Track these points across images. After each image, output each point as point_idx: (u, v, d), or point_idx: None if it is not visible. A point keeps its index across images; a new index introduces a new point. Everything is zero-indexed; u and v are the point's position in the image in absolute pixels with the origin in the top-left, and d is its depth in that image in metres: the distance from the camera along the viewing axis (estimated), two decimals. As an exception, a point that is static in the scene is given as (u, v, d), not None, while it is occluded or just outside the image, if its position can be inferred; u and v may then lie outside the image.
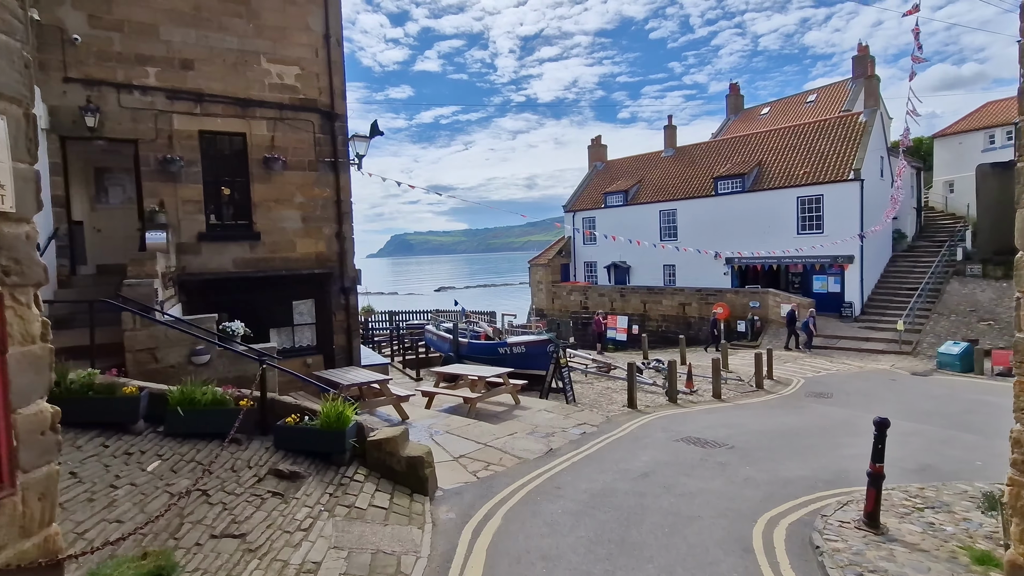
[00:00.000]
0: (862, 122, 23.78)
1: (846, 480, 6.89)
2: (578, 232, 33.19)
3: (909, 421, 10.74)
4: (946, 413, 11.48)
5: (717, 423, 10.30)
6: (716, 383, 13.81)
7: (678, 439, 8.83)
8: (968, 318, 19.80)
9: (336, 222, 10.63)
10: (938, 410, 11.78)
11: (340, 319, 10.70)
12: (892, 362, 17.77)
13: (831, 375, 16.39)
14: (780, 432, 9.61)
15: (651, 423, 10.17)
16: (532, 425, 9.42)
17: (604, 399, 13.09)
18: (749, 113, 36.66)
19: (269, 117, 9.91)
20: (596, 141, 36.17)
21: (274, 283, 10.05)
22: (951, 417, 11.09)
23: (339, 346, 10.70)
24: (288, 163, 10.07)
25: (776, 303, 22.64)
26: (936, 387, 14.30)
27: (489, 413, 10.35)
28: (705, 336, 24.41)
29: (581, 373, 16.44)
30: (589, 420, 10.05)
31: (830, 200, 22.70)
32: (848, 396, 13.54)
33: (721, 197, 26.20)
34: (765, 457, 7.88)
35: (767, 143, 26.78)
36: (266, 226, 9.99)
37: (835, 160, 23.23)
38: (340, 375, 8.99)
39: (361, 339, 19.08)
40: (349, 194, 10.78)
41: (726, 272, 26.34)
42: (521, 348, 14.08)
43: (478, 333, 17.07)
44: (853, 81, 30.70)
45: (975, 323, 19.37)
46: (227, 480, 4.66)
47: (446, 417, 9.30)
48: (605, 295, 28.63)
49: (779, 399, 13.47)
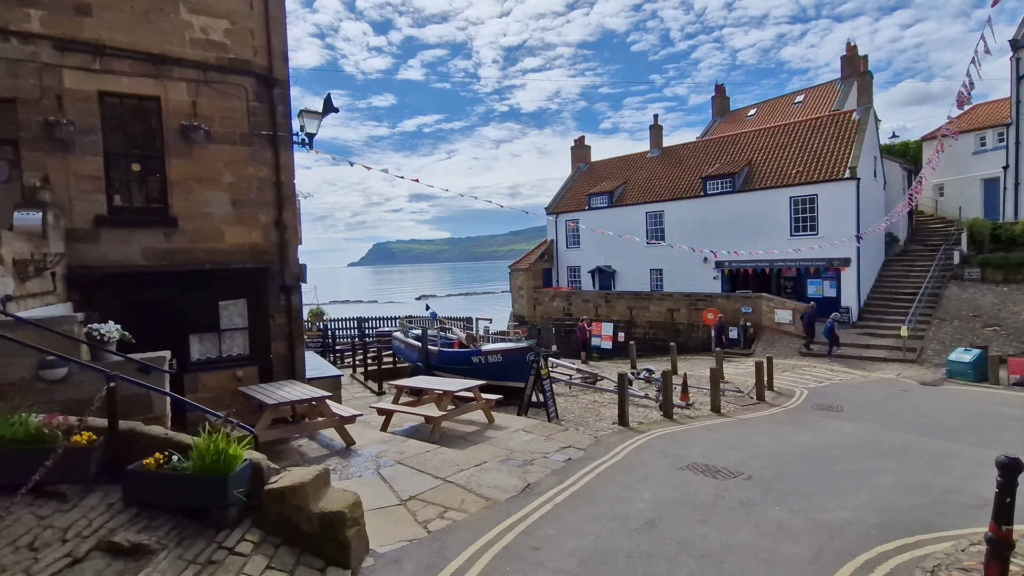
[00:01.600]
0: (856, 120, 22.85)
1: (901, 525, 5.40)
2: (561, 235, 31.80)
3: (937, 439, 9.39)
4: (975, 429, 10.16)
5: (724, 444, 8.79)
6: (715, 396, 12.37)
7: (683, 466, 7.28)
8: (972, 323, 18.76)
9: (275, 207, 8.94)
10: (965, 426, 10.47)
11: (280, 323, 8.97)
12: (897, 371, 16.56)
13: (835, 385, 15.09)
14: (799, 455, 8.13)
15: (648, 445, 8.62)
16: (507, 450, 7.79)
17: (591, 415, 11.53)
18: (735, 115, 35.80)
19: (190, 79, 8.21)
20: (579, 142, 34.93)
21: (195, 279, 8.30)
22: (983, 434, 9.76)
23: (278, 355, 8.96)
24: (214, 135, 8.37)
25: (770, 308, 21.40)
26: (952, 399, 13.05)
27: (456, 435, 8.69)
28: (696, 344, 23.09)
29: (565, 385, 14.88)
30: (575, 442, 8.46)
31: (825, 200, 21.62)
32: (860, 409, 12.19)
33: (710, 198, 25.01)
34: (793, 491, 6.36)
35: (757, 142, 25.73)
36: (186, 210, 8.25)
37: (829, 159, 22.20)
38: (268, 392, 7.27)
39: (320, 349, 17.34)
40: (292, 175, 9.10)
41: (716, 276, 25.10)
42: (497, 357, 12.46)
43: (451, 341, 15.42)
44: (842, 82, 29.97)
45: (980, 329, 18.32)
46: (12, 568, 2.95)
47: (401, 442, 7.62)
48: (589, 301, 27.18)
49: (785, 413, 12.07)
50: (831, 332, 18.48)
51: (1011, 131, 25.54)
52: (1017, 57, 24.72)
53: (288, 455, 7.00)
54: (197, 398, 8.30)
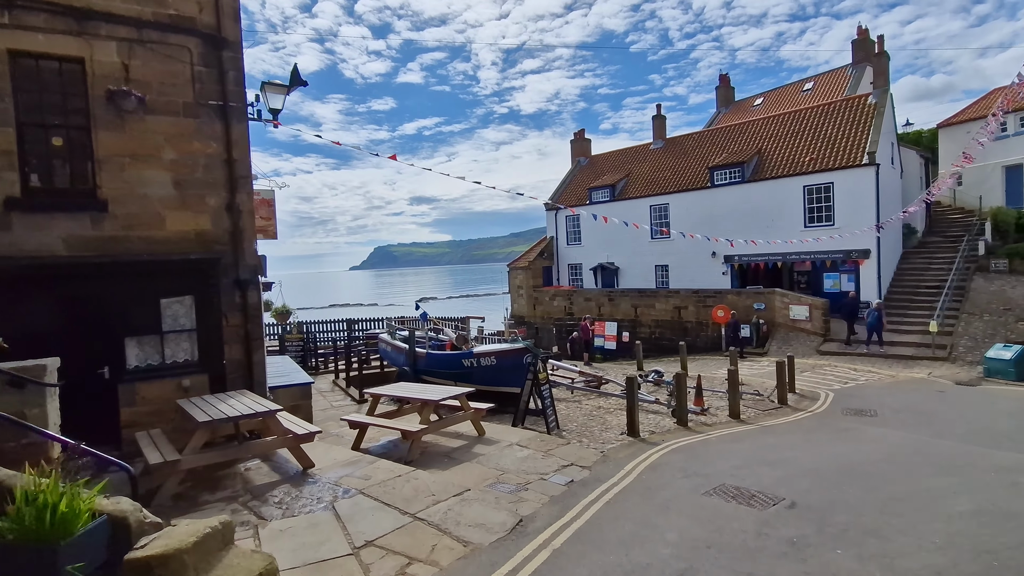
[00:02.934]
0: (872, 103, 21.55)
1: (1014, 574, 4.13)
2: (561, 232, 30.53)
3: (998, 449, 8.11)
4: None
5: (752, 458, 7.52)
6: (734, 400, 11.08)
7: (710, 490, 6.01)
8: (1004, 317, 17.43)
9: (227, 189, 7.70)
10: (1022, 433, 9.17)
11: (234, 323, 7.73)
12: (928, 369, 15.25)
13: (862, 386, 13.79)
14: (843, 472, 6.85)
15: (664, 461, 7.35)
16: (497, 470, 6.53)
17: (596, 423, 10.26)
18: (741, 105, 34.51)
19: (121, 38, 6.99)
20: (579, 136, 33.68)
21: (131, 273, 7.07)
22: (1051, 443, 8.47)
23: (233, 361, 7.71)
24: (151, 104, 7.15)
25: (784, 304, 20.09)
26: (998, 401, 11.74)
27: (439, 452, 7.44)
28: (705, 343, 21.80)
29: (566, 389, 13.61)
30: (578, 459, 7.20)
31: (841, 188, 20.32)
32: (897, 414, 10.90)
33: (718, 189, 23.73)
34: (852, 524, 5.09)
35: (766, 130, 24.45)
36: (118, 192, 7.03)
37: (845, 145, 20.91)
38: (207, 406, 6.02)
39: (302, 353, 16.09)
40: (247, 152, 7.87)
41: (725, 271, 23.81)
42: (490, 360, 11.21)
43: (442, 342, 14.17)
44: (854, 67, 28.69)
45: (1013, 323, 16.98)
46: None
47: (370, 463, 6.36)
48: (592, 299, 25.91)
49: (812, 419, 10.79)
50: (878, 322, 17.07)
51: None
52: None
53: (228, 484, 5.75)
54: (135, 413, 7.08)
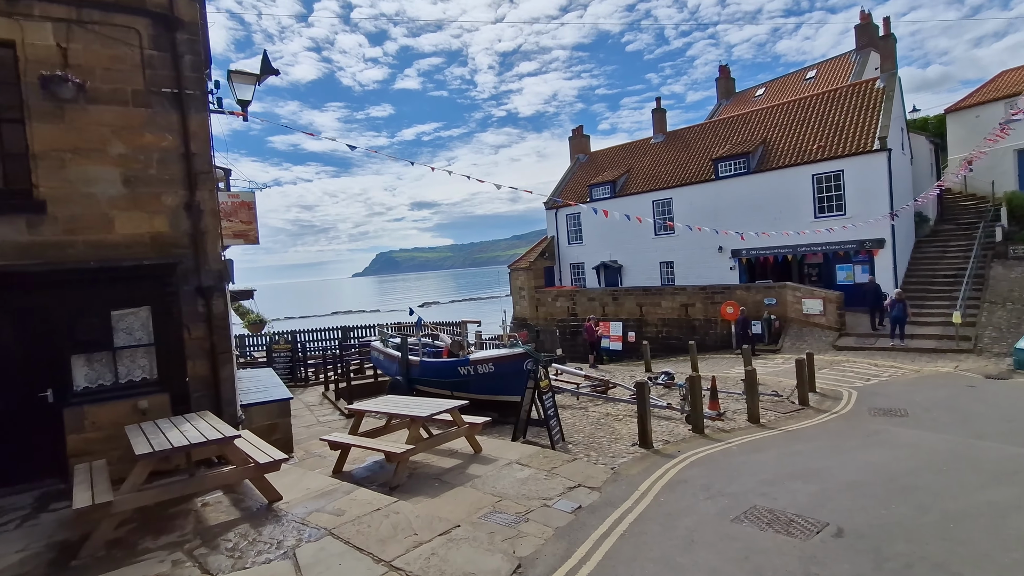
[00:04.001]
0: (880, 88, 20.72)
1: None
2: (562, 231, 29.72)
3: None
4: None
5: (781, 471, 6.68)
6: (753, 403, 10.24)
7: (740, 515, 5.18)
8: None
9: (185, 186, 6.91)
10: (1078, 431, 8.31)
11: (198, 336, 6.93)
12: (954, 362, 14.37)
13: (886, 383, 12.92)
14: (886, 485, 6.02)
15: (682, 478, 6.52)
16: (493, 496, 5.71)
17: (604, 433, 9.42)
18: (742, 96, 33.69)
19: (58, 18, 6.22)
20: (578, 132, 32.89)
21: (75, 282, 6.28)
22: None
23: (198, 378, 6.91)
24: (95, 92, 6.37)
25: (797, 299, 19.23)
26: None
27: (429, 474, 6.62)
28: (713, 341, 20.94)
29: (571, 395, 12.78)
30: (586, 478, 6.37)
31: (852, 176, 19.47)
32: (928, 412, 10.05)
33: (722, 181, 22.88)
34: (914, 555, 4.26)
35: (770, 119, 23.62)
36: (58, 191, 6.24)
37: (853, 131, 20.07)
38: (154, 432, 5.21)
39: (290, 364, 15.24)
40: (207, 144, 7.08)
41: (732, 266, 22.95)
42: (488, 367, 10.38)
43: (438, 349, 13.34)
44: (857, 53, 27.85)
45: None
46: None
47: (347, 493, 5.53)
48: (595, 299, 25.06)
49: (839, 421, 9.95)
50: (903, 314, 16.17)
51: (1048, 96, 23.28)
52: (1051, 14, 22.51)
53: (179, 524, 4.94)
54: (84, 440, 6.29)
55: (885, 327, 17.50)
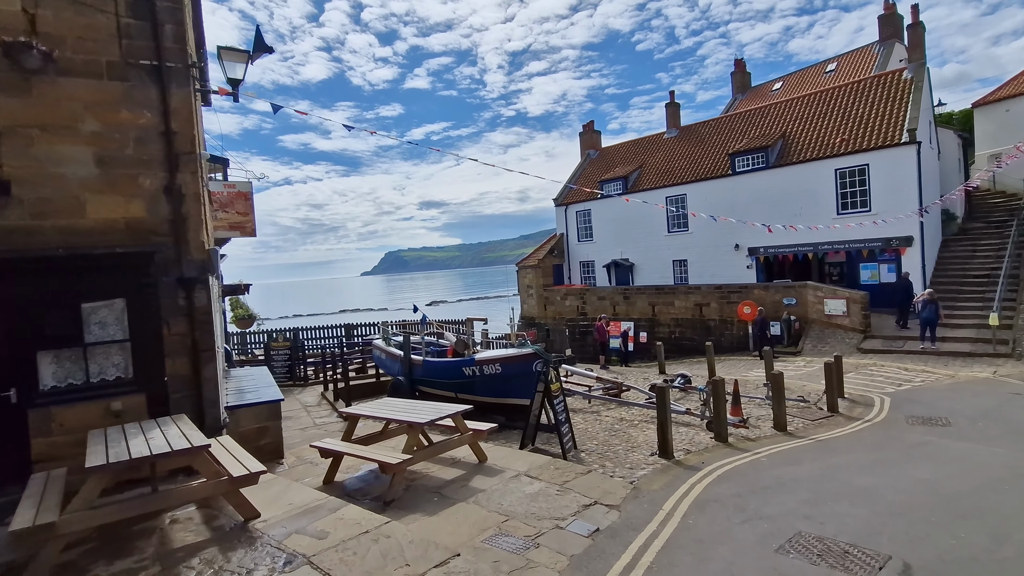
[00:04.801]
0: (908, 79, 19.79)
1: None
2: (572, 228, 29.00)
3: None
4: None
5: (821, 487, 5.96)
6: (780, 409, 9.50)
7: (784, 544, 4.48)
8: (1069, 308, 15.60)
9: (166, 168, 6.32)
10: None
11: (178, 331, 6.35)
12: (991, 367, 13.49)
13: (920, 389, 12.11)
14: (945, 508, 5.28)
15: (711, 495, 5.82)
16: (499, 515, 5.05)
17: (619, 441, 8.73)
18: (758, 91, 32.75)
19: (24, -20, 5.66)
20: (588, 128, 32.14)
21: (42, 271, 5.72)
22: None
23: (177, 377, 6.32)
24: (66, 63, 5.80)
25: (818, 299, 18.38)
26: (1090, 404, 10.03)
27: (429, 487, 5.98)
28: (729, 343, 20.14)
29: (583, 398, 12.10)
30: (602, 494, 5.70)
31: (878, 170, 18.58)
32: (974, 423, 9.26)
33: (739, 176, 22.06)
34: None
35: (790, 112, 22.75)
36: (24, 171, 5.68)
37: (880, 124, 19.18)
38: (115, 440, 4.61)
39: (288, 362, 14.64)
40: (191, 122, 6.48)
41: (750, 265, 22.12)
42: (495, 368, 9.73)
43: (443, 348, 12.70)
44: (881, 44, 26.85)
45: (1081, 314, 15.17)
46: None
47: (334, 511, 4.90)
48: (606, 298, 24.34)
49: (874, 430, 9.19)
50: (935, 315, 15.29)
51: (1083, 88, 22.25)
52: (1089, 2, 21.43)
53: (140, 546, 4.34)
54: (51, 444, 5.72)
55: (911, 328, 16.64)
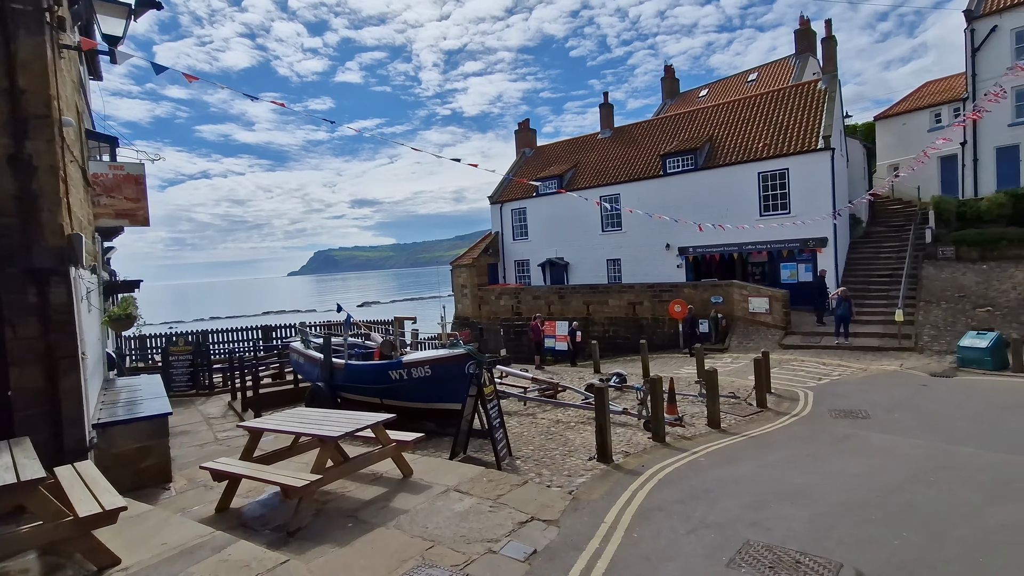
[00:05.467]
0: (822, 89, 20.97)
1: None
2: (507, 227, 28.61)
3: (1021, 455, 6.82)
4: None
5: (762, 488, 5.76)
6: (714, 407, 9.45)
7: (734, 556, 4.14)
8: (960, 304, 17.01)
9: (9, 133, 5.14)
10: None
11: (27, 335, 5.18)
12: (899, 360, 14.36)
13: (838, 382, 12.62)
14: (885, 505, 5.21)
15: (655, 503, 5.45)
16: (423, 541, 4.39)
17: (555, 444, 8.28)
18: (686, 96, 33.89)
19: None
20: (524, 126, 31.90)
21: None
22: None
23: (26, 390, 5.15)
24: None
25: (743, 297, 19.02)
26: (985, 393, 10.75)
27: (343, 510, 5.20)
28: (661, 340, 20.44)
29: (518, 400, 11.61)
30: (539, 508, 5.17)
31: (797, 174, 19.51)
32: (890, 414, 9.64)
33: (671, 177, 22.52)
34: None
35: (716, 117, 23.53)
36: None
37: (797, 130, 20.17)
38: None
39: (190, 369, 12.98)
40: (47, 80, 5.32)
41: (680, 264, 22.64)
42: (424, 370, 9.01)
43: (369, 350, 11.77)
44: (797, 57, 28.48)
45: (971, 310, 16.55)
46: None
47: (220, 550, 4.03)
48: (541, 297, 24.11)
49: (802, 424, 9.33)
50: (849, 312, 16.12)
51: (968, 106, 24.52)
52: (972, 28, 23.69)
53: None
54: None
55: (827, 324, 17.57)
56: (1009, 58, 22.73)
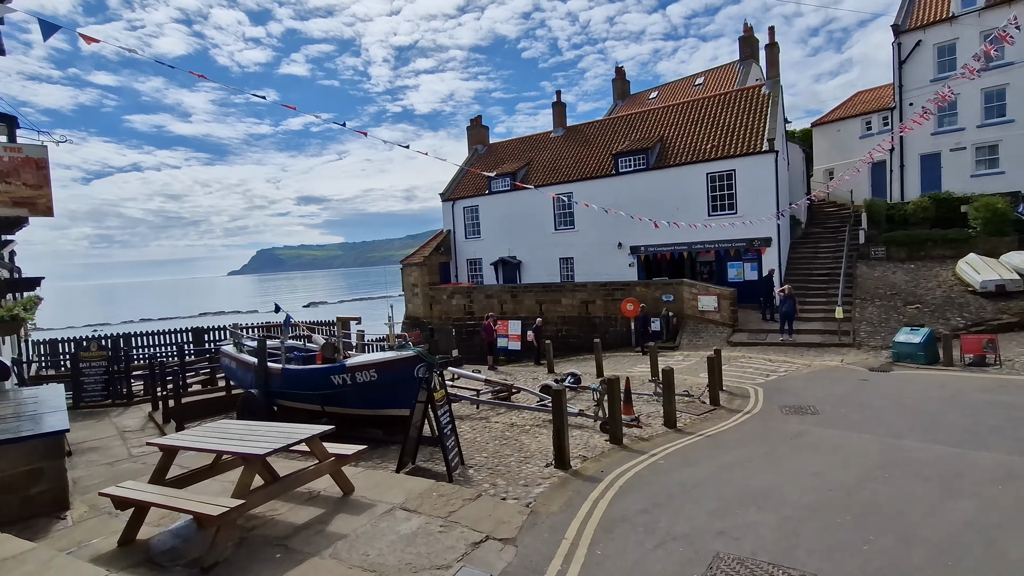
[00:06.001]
0: (766, 93, 21.61)
1: None
2: (459, 225, 28.01)
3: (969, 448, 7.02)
4: (995, 429, 7.99)
5: (726, 493, 5.56)
6: (670, 406, 9.32)
7: (704, 572, 3.83)
8: (892, 302, 17.86)
9: None
10: (977, 424, 8.30)
11: None
12: (839, 356, 14.85)
13: (785, 378, 12.87)
14: (847, 506, 5.11)
15: (618, 513, 5.12)
16: (364, 572, 3.86)
17: (510, 450, 7.86)
18: (637, 98, 34.36)
19: None
20: (476, 122, 31.37)
21: None
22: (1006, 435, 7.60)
23: None
24: None
25: (693, 295, 19.29)
26: (921, 387, 11.18)
27: (271, 538, 4.57)
28: (614, 338, 20.47)
29: (470, 403, 11.12)
30: (495, 525, 4.73)
31: (743, 175, 19.99)
32: (837, 409, 9.83)
33: (623, 176, 22.62)
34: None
35: (667, 118, 23.85)
36: None
37: (743, 133, 20.68)
38: None
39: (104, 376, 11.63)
40: None
41: (631, 263, 22.78)
42: (370, 374, 8.36)
43: (311, 354, 10.94)
44: (741, 63, 29.36)
45: (902, 307, 17.41)
46: None
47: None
48: (493, 296, 23.68)
49: (755, 422, 9.34)
50: (793, 309, 16.59)
51: (894, 115, 25.99)
52: (899, 42, 25.10)
53: None
54: None
55: (773, 320, 18.07)
56: (932, 70, 24.28)
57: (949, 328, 15.18)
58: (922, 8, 25.25)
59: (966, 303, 16.73)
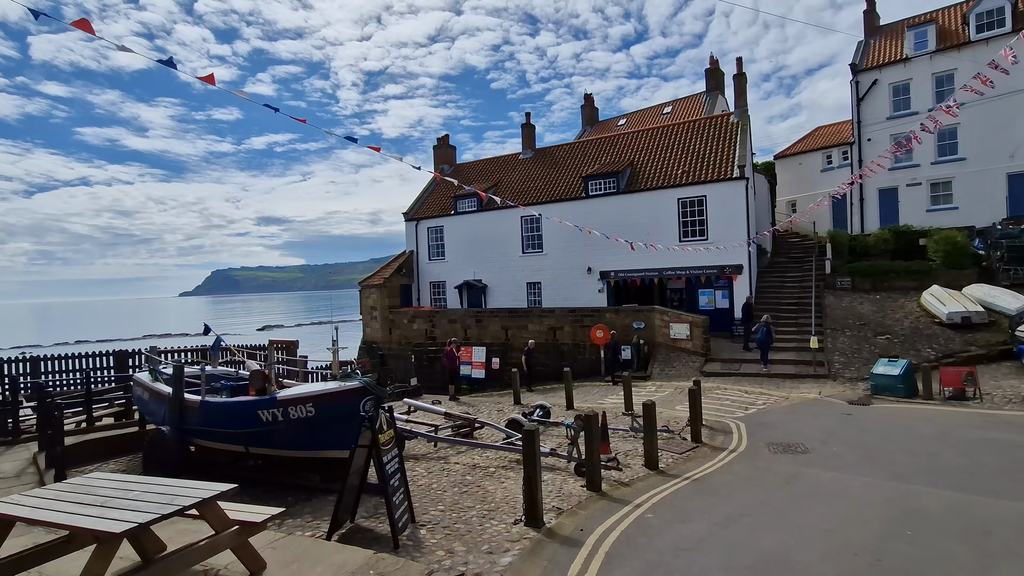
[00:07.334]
0: (735, 122, 21.64)
1: None
2: (423, 246, 26.83)
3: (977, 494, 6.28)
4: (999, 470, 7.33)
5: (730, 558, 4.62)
6: (652, 445, 8.32)
7: None
8: (863, 332, 17.63)
9: None
10: (979, 465, 7.64)
11: None
12: (816, 388, 14.29)
13: (765, 412, 12.13)
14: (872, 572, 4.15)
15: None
16: None
17: (473, 501, 6.65)
18: (605, 124, 34.41)
19: None
20: (443, 141, 30.57)
21: None
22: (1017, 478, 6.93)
23: None
24: None
25: (664, 323, 18.63)
26: (907, 421, 10.59)
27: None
28: (583, 367, 19.52)
29: (427, 440, 9.84)
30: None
31: (714, 201, 19.71)
32: (827, 446, 9.07)
33: (593, 200, 22.08)
34: None
35: (637, 143, 23.62)
36: None
37: (713, 160, 20.53)
38: None
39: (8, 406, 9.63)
40: None
41: (601, 289, 22.05)
42: (306, 409, 7.05)
43: (243, 383, 9.45)
44: (708, 94, 29.76)
45: (873, 337, 17.17)
46: None
47: None
48: (457, 321, 22.48)
49: (742, 462, 8.47)
50: (768, 338, 16.05)
51: (854, 149, 26.61)
52: (856, 80, 25.86)
53: None
54: None
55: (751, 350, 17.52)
56: (888, 108, 25.05)
57: (920, 359, 14.95)
58: (878, 49, 26.20)
59: (934, 334, 16.62)
